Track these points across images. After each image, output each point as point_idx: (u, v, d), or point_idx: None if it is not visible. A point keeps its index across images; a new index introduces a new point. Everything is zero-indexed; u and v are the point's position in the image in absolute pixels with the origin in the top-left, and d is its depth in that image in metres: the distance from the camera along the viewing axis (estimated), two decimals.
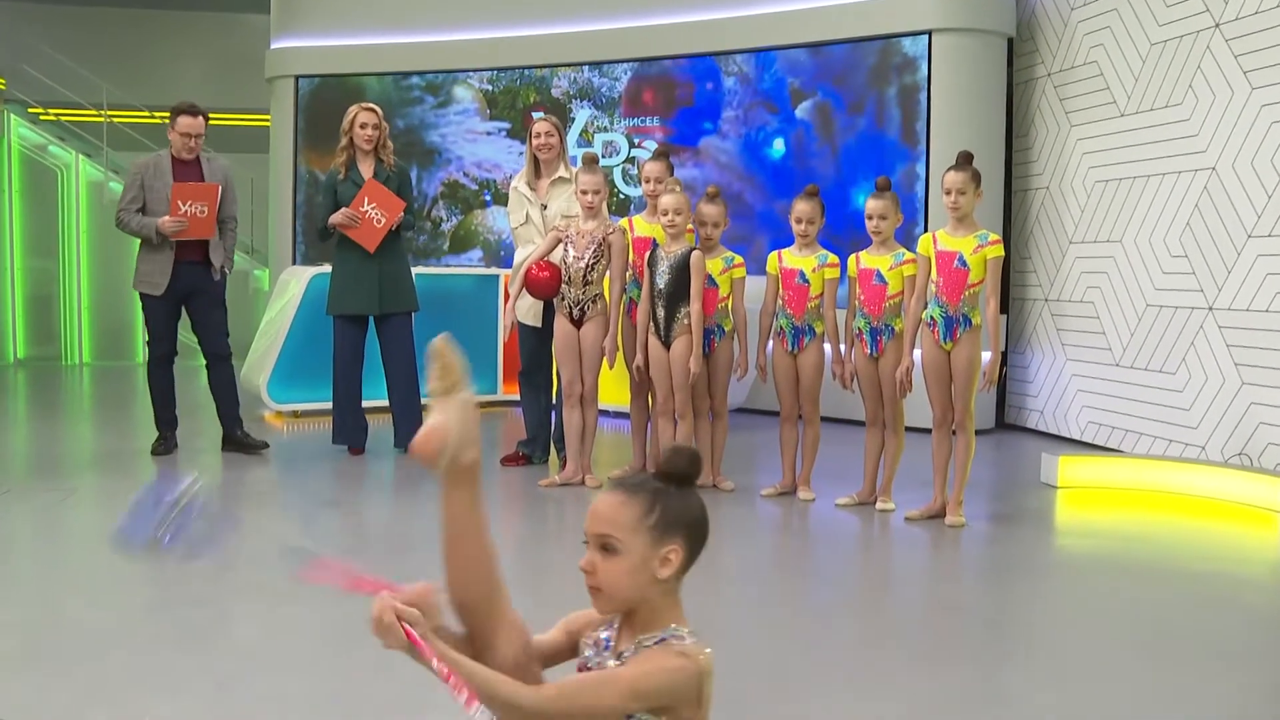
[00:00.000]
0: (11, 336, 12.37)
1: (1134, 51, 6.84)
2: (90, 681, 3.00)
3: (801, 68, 8.53)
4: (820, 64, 8.44)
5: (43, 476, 5.89)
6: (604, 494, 1.80)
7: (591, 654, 1.86)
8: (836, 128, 8.38)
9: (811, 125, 8.51)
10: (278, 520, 5.23)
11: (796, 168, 8.47)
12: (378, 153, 6.34)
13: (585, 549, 1.78)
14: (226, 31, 14.29)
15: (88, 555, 4.49)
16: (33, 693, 2.91)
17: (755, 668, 3.23)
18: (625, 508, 1.76)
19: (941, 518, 5.12)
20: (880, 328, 5.26)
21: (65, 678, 3.03)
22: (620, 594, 1.77)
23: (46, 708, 2.80)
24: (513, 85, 9.94)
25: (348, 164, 6.32)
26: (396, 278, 6.39)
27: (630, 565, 1.75)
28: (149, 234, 6.13)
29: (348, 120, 6.32)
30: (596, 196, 5.63)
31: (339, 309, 6.39)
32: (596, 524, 1.77)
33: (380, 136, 6.32)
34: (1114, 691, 3.09)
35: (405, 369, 6.45)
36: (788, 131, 8.65)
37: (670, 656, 1.74)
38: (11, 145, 12.26)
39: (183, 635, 3.48)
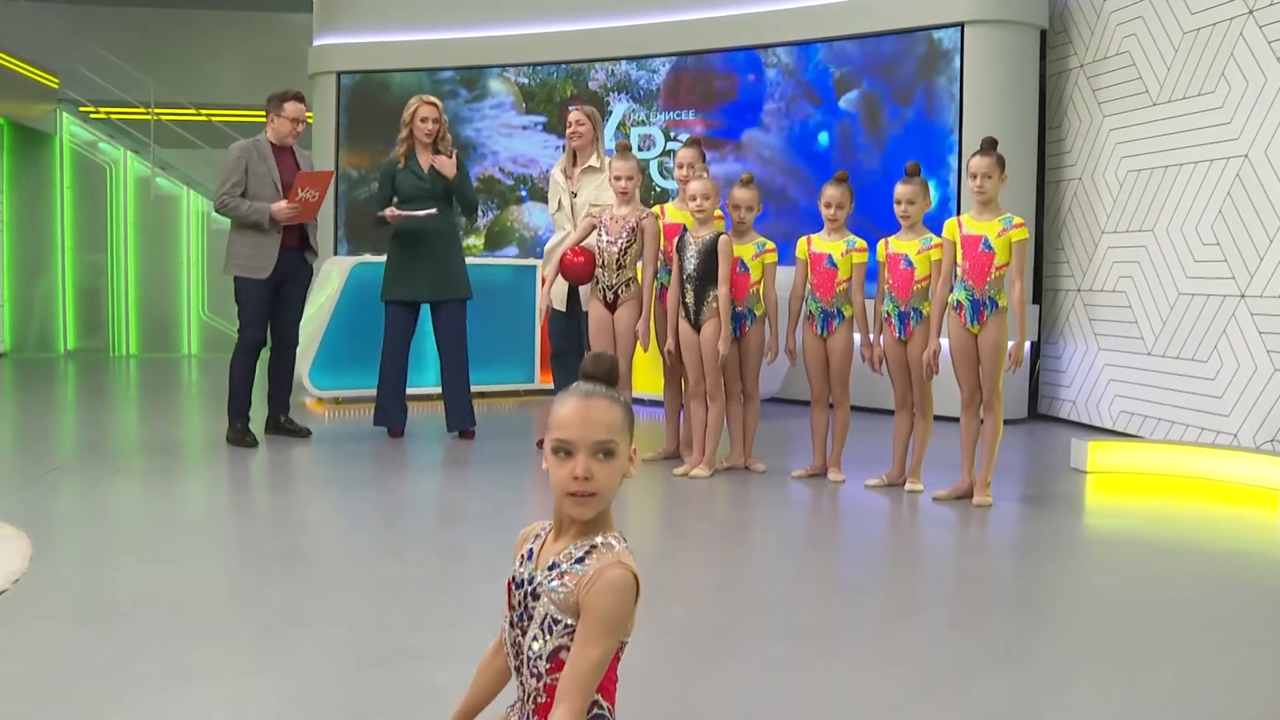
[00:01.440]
0: (61, 328, 12.68)
1: (1166, 41, 6.86)
2: (139, 633, 3.15)
3: (846, 58, 8.55)
4: (865, 54, 8.46)
5: (92, 457, 6.08)
6: (589, 401, 1.79)
7: (516, 565, 1.89)
8: (884, 119, 8.39)
9: (857, 116, 8.54)
10: (319, 495, 5.39)
11: (842, 160, 8.47)
12: (436, 144, 6.48)
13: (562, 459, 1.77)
14: (269, 31, 14.54)
15: (136, 523, 4.66)
16: (85, 643, 3.06)
17: (785, 632, 3.32)
18: (614, 411, 1.80)
19: (969, 498, 5.18)
20: (908, 311, 5.34)
21: (115, 629, 3.18)
22: (609, 496, 1.81)
23: (99, 656, 2.94)
24: (549, 79, 10.07)
25: (407, 154, 6.46)
26: (450, 265, 6.51)
27: (620, 466, 1.80)
28: (261, 219, 6.18)
29: (408, 112, 6.46)
30: (630, 182, 5.75)
31: (392, 295, 6.52)
32: (598, 430, 1.78)
33: (440, 129, 6.47)
34: (1135, 660, 3.16)
35: (457, 355, 6.58)
36: (832, 123, 8.69)
37: (612, 570, 1.77)
38: (64, 143, 12.58)
39: (228, 592, 3.63)
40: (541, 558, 1.85)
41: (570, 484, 1.78)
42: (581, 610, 1.76)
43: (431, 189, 6.40)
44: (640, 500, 5.28)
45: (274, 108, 6.33)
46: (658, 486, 5.51)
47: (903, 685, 2.87)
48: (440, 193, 6.42)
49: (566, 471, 1.78)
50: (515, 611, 1.86)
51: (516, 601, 1.86)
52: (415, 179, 6.41)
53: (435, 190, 6.41)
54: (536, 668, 1.79)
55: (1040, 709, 2.74)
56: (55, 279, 12.63)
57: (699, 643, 3.20)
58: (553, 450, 1.80)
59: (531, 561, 1.86)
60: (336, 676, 2.82)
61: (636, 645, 1.85)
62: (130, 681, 2.75)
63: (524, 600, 1.84)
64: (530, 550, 1.88)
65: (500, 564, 1.96)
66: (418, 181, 6.41)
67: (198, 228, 12.79)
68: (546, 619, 1.78)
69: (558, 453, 1.79)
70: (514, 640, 1.85)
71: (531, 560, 1.86)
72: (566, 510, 1.82)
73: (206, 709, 2.61)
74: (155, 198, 12.78)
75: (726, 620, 3.45)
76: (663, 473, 5.79)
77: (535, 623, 1.81)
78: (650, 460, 6.09)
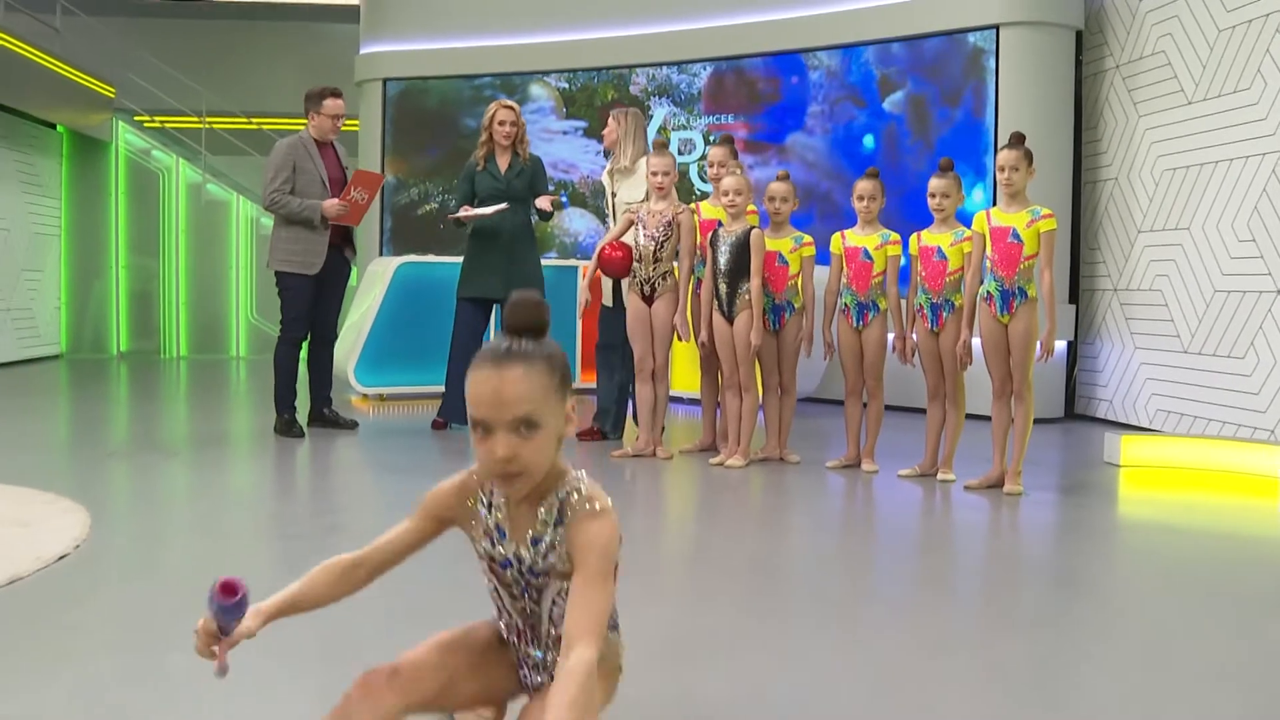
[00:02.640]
0: (115, 330, 13.01)
1: (1201, 39, 6.90)
2: (191, 590, 3.30)
3: (892, 58, 8.60)
4: (909, 56, 8.51)
5: (144, 445, 6.29)
6: (502, 372, 1.65)
7: (488, 545, 1.81)
8: (931, 120, 8.41)
9: (903, 119, 8.57)
10: (363, 477, 5.55)
11: (888, 164, 8.48)
12: (515, 147, 6.65)
13: (480, 438, 1.66)
14: (316, 41, 14.86)
15: (186, 500, 4.85)
16: (142, 598, 3.22)
17: (818, 607, 3.42)
18: (532, 377, 1.65)
19: (1000, 487, 5.25)
20: (941, 303, 5.42)
21: (169, 586, 3.34)
22: (541, 469, 1.70)
23: (155, 608, 3.10)
24: (589, 83, 10.20)
25: (486, 157, 6.64)
26: (524, 265, 6.64)
27: (549, 435, 1.68)
28: (313, 216, 6.34)
29: (487, 117, 6.65)
30: (666, 178, 5.88)
31: (467, 291, 6.68)
32: (512, 406, 1.63)
33: (518, 132, 6.64)
34: (1166, 629, 3.23)
35: None
36: (877, 126, 8.73)
37: (594, 520, 1.72)
38: (119, 150, 12.92)
39: (275, 558, 3.78)
40: (515, 531, 1.78)
41: (494, 465, 1.66)
42: (577, 566, 1.71)
43: (507, 190, 6.57)
44: (677, 489, 5.39)
45: (313, 105, 6.49)
46: (694, 476, 5.62)
47: (923, 645, 2.96)
48: (516, 194, 6.59)
49: (487, 451, 1.65)
50: (515, 587, 1.83)
51: (513, 579, 1.82)
52: (492, 180, 6.58)
53: (511, 191, 6.57)
54: (558, 618, 1.79)
55: (1070, 668, 2.82)
56: (109, 283, 12.97)
57: (740, 608, 3.30)
58: (472, 427, 1.68)
59: (506, 540, 1.80)
60: (371, 630, 2.95)
61: (680, 614, 1.95)
62: (185, 629, 2.90)
63: (522, 577, 1.81)
64: (497, 526, 1.81)
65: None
66: (494, 183, 6.57)
67: (247, 232, 13.08)
68: (562, 589, 1.78)
69: (477, 429, 1.67)
70: (525, 610, 1.84)
71: (505, 538, 1.80)
72: (499, 488, 1.75)
73: (254, 657, 2.75)
74: (206, 203, 13.09)
75: (763, 589, 3.55)
76: (699, 463, 5.90)
77: (551, 592, 1.80)
78: (687, 452, 6.20)
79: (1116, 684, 2.66)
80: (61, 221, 12.66)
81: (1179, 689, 2.66)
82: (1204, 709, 2.53)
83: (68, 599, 3.19)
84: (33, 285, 11.83)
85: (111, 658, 2.69)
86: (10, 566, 3.34)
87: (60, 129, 12.42)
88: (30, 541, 3.67)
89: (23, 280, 11.58)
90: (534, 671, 1.91)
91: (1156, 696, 2.61)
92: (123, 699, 2.42)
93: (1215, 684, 2.70)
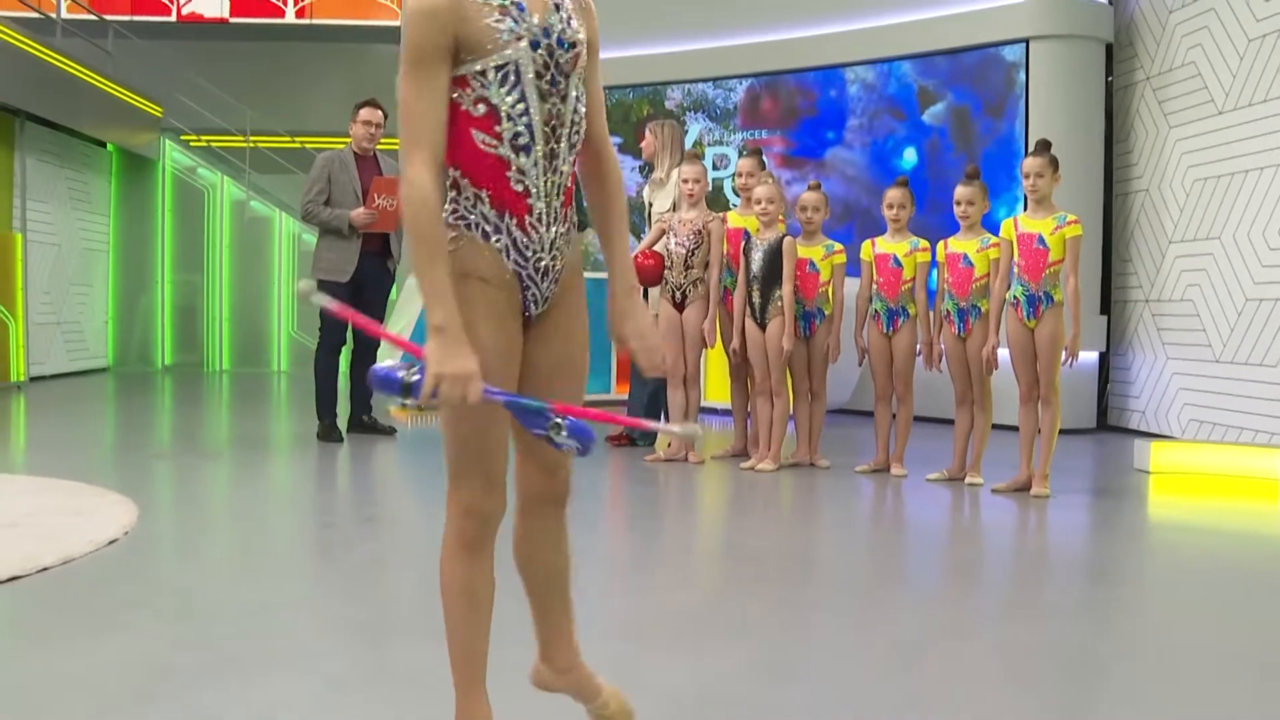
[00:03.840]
0: (160, 344, 13.30)
1: (1231, 49, 6.94)
2: (235, 571, 3.44)
3: (934, 70, 8.60)
4: (953, 67, 8.50)
5: (189, 447, 6.47)
6: None
7: (510, 26, 1.78)
8: (976, 132, 8.40)
9: (945, 131, 8.55)
10: (401, 477, 5.69)
11: (930, 179, 8.46)
12: None
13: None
14: (359, 62, 15.13)
15: (228, 495, 5.00)
16: (189, 578, 3.37)
17: (842, 595, 3.50)
18: None
19: (1027, 490, 5.29)
20: (968, 308, 5.49)
21: (214, 568, 3.48)
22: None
23: (202, 586, 3.24)
24: (624, 99, 10.33)
25: None
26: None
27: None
28: (341, 225, 6.50)
29: None
30: (697, 185, 6.00)
31: None
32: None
33: None
34: (1178, 622, 3.28)
35: None
36: (918, 139, 8.71)
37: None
38: (166, 168, 13.24)
39: (313, 546, 3.91)
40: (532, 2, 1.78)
41: None
42: (590, 50, 1.83)
43: None
44: (709, 491, 5.48)
45: (351, 116, 6.71)
46: (725, 479, 5.70)
47: (943, 628, 3.03)
48: None
49: None
50: (544, 79, 1.79)
51: (542, 64, 1.78)
52: None
53: None
54: (578, 122, 1.83)
55: (1085, 652, 2.89)
56: (155, 297, 13.26)
57: (766, 596, 3.39)
58: None
59: (526, 12, 1.77)
60: (405, 607, 3.07)
61: (707, 600, 2.05)
62: (231, 606, 3.04)
63: (552, 59, 1.79)
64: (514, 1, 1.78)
65: (572, 531, 2.10)
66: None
67: (289, 249, 13.34)
68: (582, 76, 1.83)
69: None
70: (551, 118, 1.80)
71: (525, 11, 1.77)
72: None
73: (294, 628, 2.88)
74: (249, 220, 13.36)
75: (790, 578, 3.63)
76: (730, 468, 5.99)
77: (575, 80, 1.82)
78: (719, 457, 6.29)
79: (1132, 669, 2.73)
80: (110, 237, 12.98)
81: (1197, 677, 2.72)
82: (1224, 696, 2.59)
83: (119, 577, 3.34)
84: (82, 299, 12.13)
85: (160, 627, 2.83)
86: (64, 548, 3.50)
87: (110, 147, 12.75)
88: (83, 528, 3.83)
89: (72, 294, 11.87)
90: (542, 280, 1.88)
91: (1175, 684, 2.67)
92: (170, 661, 2.55)
93: (1236, 675, 2.76)
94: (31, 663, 2.54)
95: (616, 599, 3.32)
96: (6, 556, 3.38)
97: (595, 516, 4.85)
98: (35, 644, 2.68)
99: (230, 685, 2.40)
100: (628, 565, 3.86)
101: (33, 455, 6.18)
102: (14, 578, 3.20)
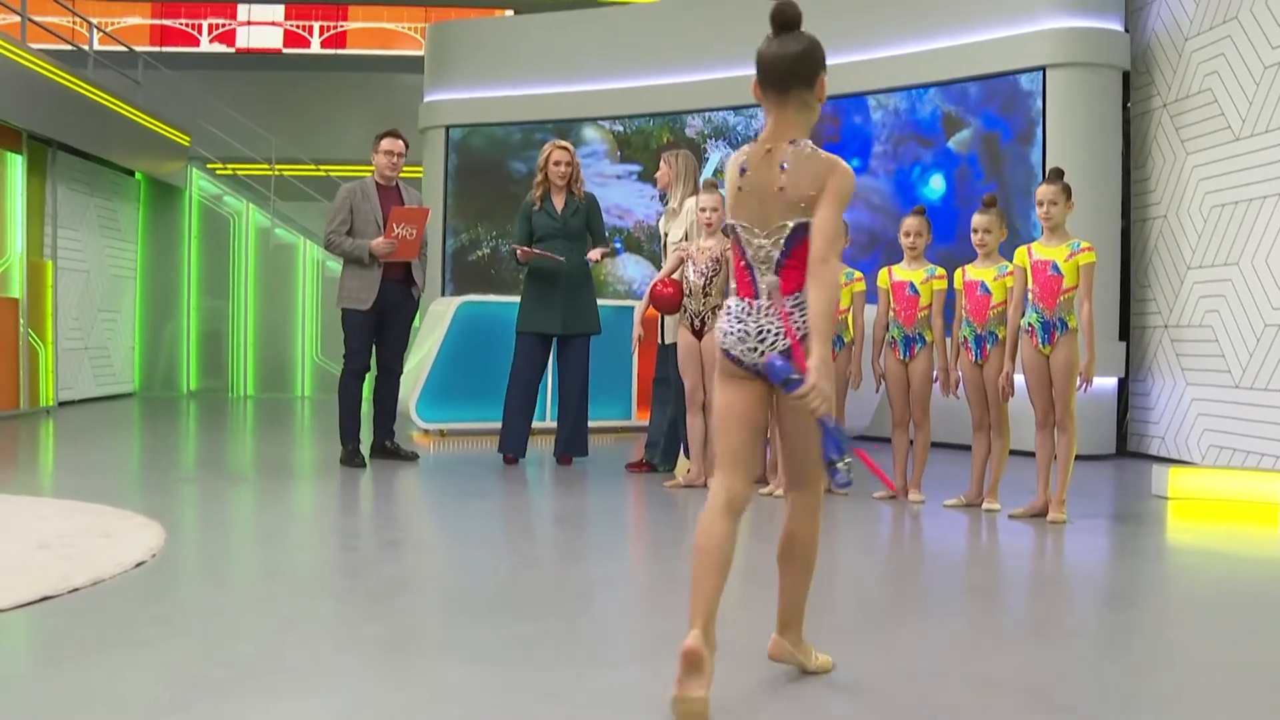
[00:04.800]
0: (185, 370, 13.46)
1: (1248, 76, 6.98)
2: (259, 591, 3.51)
3: (959, 96, 8.62)
4: (983, 92, 8.49)
5: (214, 472, 6.57)
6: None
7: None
8: (1006, 160, 8.37)
9: (976, 158, 8.52)
10: (423, 501, 5.76)
11: (960, 206, 8.42)
12: (570, 186, 6.88)
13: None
14: (382, 91, 15.36)
15: (253, 518, 5.08)
16: (214, 597, 3.44)
17: (858, 614, 3.54)
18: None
19: (1044, 516, 5.31)
20: (984, 335, 5.53)
21: (238, 588, 3.55)
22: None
23: (227, 605, 3.31)
24: (645, 127, 10.34)
25: (542, 196, 6.87)
26: (582, 301, 6.87)
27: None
28: (362, 255, 6.59)
29: (543, 157, 6.87)
30: (715, 214, 6.06)
31: (527, 326, 6.86)
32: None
33: (572, 172, 6.87)
34: (1192, 640, 3.30)
35: (578, 387, 6.90)
36: (948, 166, 8.67)
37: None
38: (193, 196, 13.45)
39: (337, 567, 3.98)
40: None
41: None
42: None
43: (565, 229, 6.80)
44: None
45: (373, 146, 6.82)
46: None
47: (956, 647, 3.07)
48: (574, 232, 6.82)
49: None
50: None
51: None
52: (549, 219, 6.81)
53: (568, 229, 6.81)
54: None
55: (1097, 672, 2.92)
56: (181, 323, 13.44)
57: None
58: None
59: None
60: (429, 626, 3.13)
61: (721, 619, 2.11)
62: (257, 624, 3.11)
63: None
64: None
65: (590, 554, 2.21)
66: (551, 221, 6.80)
67: (313, 275, 13.49)
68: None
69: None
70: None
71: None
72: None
73: (319, 646, 2.94)
74: (274, 247, 13.54)
75: (810, 600, 3.66)
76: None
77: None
78: None
79: (1151, 693, 2.76)
80: (138, 264, 13.17)
81: (1215, 701, 2.74)
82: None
83: (147, 596, 3.42)
84: (110, 325, 12.30)
85: (187, 644, 2.91)
86: (94, 569, 3.58)
87: (139, 176, 12.96)
88: (112, 549, 3.91)
89: (101, 320, 12.05)
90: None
91: (1193, 709, 2.69)
92: (198, 677, 2.62)
93: (1255, 700, 2.78)
94: (64, 678, 2.62)
95: (638, 619, 3.38)
96: (39, 577, 3.47)
97: (617, 540, 4.91)
98: (67, 660, 2.76)
99: (257, 700, 2.47)
100: (649, 587, 3.91)
101: (62, 479, 6.30)
102: (46, 597, 3.28)
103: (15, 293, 10.09)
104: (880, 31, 8.99)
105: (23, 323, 10.14)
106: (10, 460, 7.16)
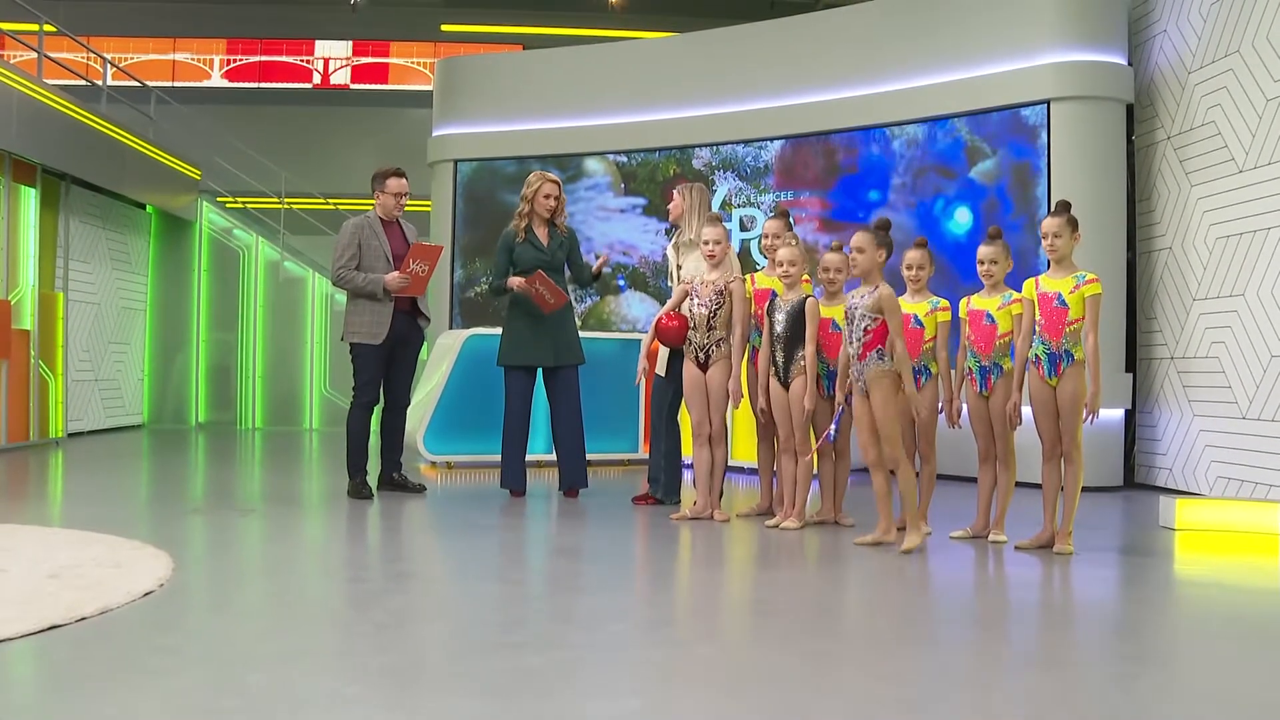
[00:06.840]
0: (194, 402, 13.51)
1: (1250, 109, 7.03)
2: (267, 621, 3.53)
3: (982, 124, 8.53)
4: (1005, 120, 8.41)
5: (222, 503, 6.60)
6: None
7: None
8: (1033, 193, 8.30)
9: (1004, 189, 8.39)
10: (430, 532, 5.77)
11: (972, 237, 8.37)
12: (553, 219, 6.92)
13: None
14: (390, 126, 15.50)
15: (261, 549, 5.10)
16: (223, 626, 3.46)
17: (865, 646, 3.54)
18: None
19: (1051, 548, 5.31)
20: (990, 366, 5.55)
21: (246, 617, 3.57)
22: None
23: (235, 634, 3.33)
24: (650, 159, 10.32)
25: (526, 228, 6.87)
26: (570, 332, 6.91)
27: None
28: (376, 290, 6.62)
29: (531, 189, 6.85)
30: (718, 247, 6.11)
31: (512, 360, 6.85)
32: None
33: (559, 205, 6.90)
34: (1197, 671, 3.30)
35: (572, 418, 6.91)
36: (974, 199, 8.53)
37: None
38: (203, 230, 13.56)
39: (345, 598, 3.99)
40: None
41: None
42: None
43: (551, 261, 6.83)
44: (733, 548, 5.53)
45: (378, 185, 6.83)
46: (750, 537, 5.74)
47: (960, 678, 3.07)
48: (559, 264, 6.85)
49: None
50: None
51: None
52: (535, 251, 6.82)
53: (555, 262, 6.83)
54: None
55: (1113, 699, 2.92)
56: (190, 355, 13.51)
57: (787, 648, 3.44)
58: None
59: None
60: (437, 656, 3.14)
61: (730, 652, 2.12)
62: (265, 654, 3.13)
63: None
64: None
65: (596, 586, 2.23)
66: (538, 254, 6.81)
67: (322, 308, 13.57)
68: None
69: None
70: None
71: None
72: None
73: (326, 675, 2.95)
74: (283, 280, 13.62)
75: (812, 631, 3.68)
76: (755, 526, 6.03)
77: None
78: (745, 515, 6.33)
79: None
80: (148, 297, 13.26)
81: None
82: None
83: (156, 626, 3.44)
84: (120, 357, 12.37)
85: (196, 674, 2.92)
86: (103, 599, 3.61)
87: (150, 209, 13.07)
88: (121, 579, 3.93)
89: (111, 352, 12.12)
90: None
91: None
92: (206, 707, 2.63)
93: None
94: (72, 707, 2.64)
95: (644, 650, 3.38)
96: (48, 606, 3.49)
97: (623, 571, 4.91)
98: (75, 689, 2.77)
99: None
100: (655, 618, 3.91)
101: (72, 509, 6.33)
102: (54, 626, 3.30)
103: (27, 324, 10.16)
104: (883, 68, 9.06)
105: (34, 354, 10.21)
106: (20, 491, 7.19)
